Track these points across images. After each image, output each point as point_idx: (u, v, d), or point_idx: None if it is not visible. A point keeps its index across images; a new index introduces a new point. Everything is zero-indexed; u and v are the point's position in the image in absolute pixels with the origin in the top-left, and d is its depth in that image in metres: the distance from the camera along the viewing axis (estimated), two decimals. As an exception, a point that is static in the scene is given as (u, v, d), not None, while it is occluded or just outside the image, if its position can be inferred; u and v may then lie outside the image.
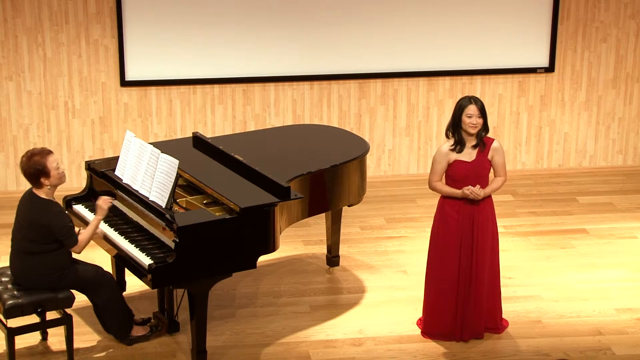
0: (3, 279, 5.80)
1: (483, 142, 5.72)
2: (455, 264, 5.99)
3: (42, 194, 5.53)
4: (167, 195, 5.74)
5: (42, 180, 5.46)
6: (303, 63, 9.11)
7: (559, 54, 9.29)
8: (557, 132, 9.47)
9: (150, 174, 5.95)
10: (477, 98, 5.87)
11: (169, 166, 5.79)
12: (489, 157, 5.78)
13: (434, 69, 9.20)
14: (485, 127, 5.79)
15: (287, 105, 9.11)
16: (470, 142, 5.66)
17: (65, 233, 5.51)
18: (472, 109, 5.64)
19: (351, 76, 9.08)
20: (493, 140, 5.89)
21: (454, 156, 5.73)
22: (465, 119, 5.63)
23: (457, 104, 5.88)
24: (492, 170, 5.98)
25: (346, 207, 7.12)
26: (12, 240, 5.79)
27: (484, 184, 5.84)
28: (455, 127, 5.74)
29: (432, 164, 6.05)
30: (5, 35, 8.59)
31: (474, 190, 5.81)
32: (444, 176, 6.00)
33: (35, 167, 5.43)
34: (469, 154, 5.70)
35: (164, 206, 5.78)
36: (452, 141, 5.80)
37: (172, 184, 5.83)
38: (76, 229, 5.83)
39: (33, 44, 8.61)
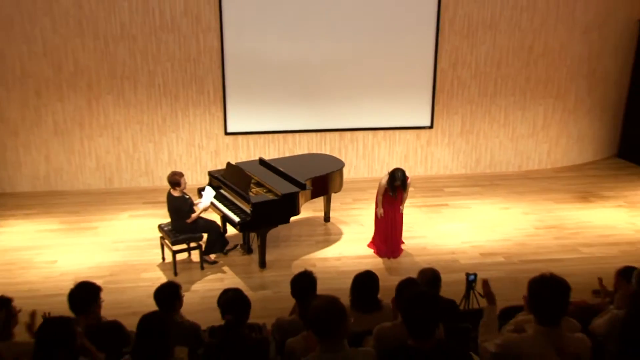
0: (166, 228, 7.68)
1: (402, 185, 7.59)
2: (386, 221, 7.97)
3: (176, 193, 7.52)
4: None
5: (175, 187, 7.46)
6: (310, 124, 11.01)
7: (437, 117, 11.18)
8: (435, 158, 11.45)
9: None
10: (401, 171, 7.70)
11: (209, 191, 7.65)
12: (403, 189, 7.70)
13: (373, 125, 11.14)
14: (402, 186, 7.61)
15: (304, 144, 10.96)
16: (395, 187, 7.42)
17: (188, 212, 7.45)
18: (398, 178, 7.57)
19: (334, 130, 11.02)
20: (409, 179, 7.61)
21: (386, 186, 7.64)
22: (395, 183, 7.60)
23: (391, 173, 7.71)
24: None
25: (334, 193, 8.83)
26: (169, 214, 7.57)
27: (400, 203, 7.89)
28: (390, 184, 7.64)
29: (378, 187, 7.83)
30: (164, 112, 10.44)
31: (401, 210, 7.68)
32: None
33: (173, 180, 7.45)
34: (393, 192, 7.72)
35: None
36: (387, 184, 7.63)
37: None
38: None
39: (185, 113, 10.59)
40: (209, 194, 7.65)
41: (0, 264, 7.80)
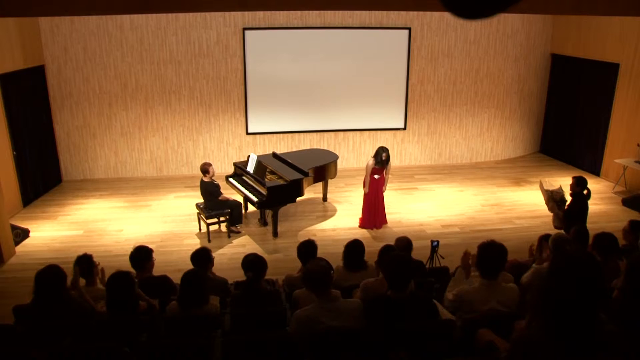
0: (201, 206, 7.43)
1: (386, 162, 7.27)
2: (371, 199, 7.63)
3: (206, 179, 7.22)
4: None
5: (205, 174, 7.19)
6: (312, 126, 10.60)
7: (409, 121, 10.86)
8: (407, 152, 11.05)
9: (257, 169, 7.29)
10: (386, 148, 7.33)
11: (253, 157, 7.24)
12: (386, 167, 7.41)
13: (360, 127, 10.76)
14: (387, 160, 7.25)
15: (307, 141, 10.66)
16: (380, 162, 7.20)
17: (217, 193, 7.23)
18: (383, 152, 7.33)
19: (331, 130, 10.64)
20: (389, 160, 7.30)
21: (374, 165, 7.33)
22: (382, 156, 7.26)
23: (376, 151, 7.34)
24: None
25: (330, 179, 8.63)
26: (202, 196, 7.30)
27: (382, 185, 7.44)
28: (377, 157, 7.28)
29: (366, 168, 7.46)
30: (200, 118, 10.06)
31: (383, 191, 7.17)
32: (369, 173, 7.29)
33: (204, 168, 7.19)
34: (380, 164, 7.35)
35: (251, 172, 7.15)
36: (375, 161, 7.24)
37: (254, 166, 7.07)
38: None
39: (216, 118, 10.27)
40: (253, 157, 7.56)
41: (84, 231, 7.84)
